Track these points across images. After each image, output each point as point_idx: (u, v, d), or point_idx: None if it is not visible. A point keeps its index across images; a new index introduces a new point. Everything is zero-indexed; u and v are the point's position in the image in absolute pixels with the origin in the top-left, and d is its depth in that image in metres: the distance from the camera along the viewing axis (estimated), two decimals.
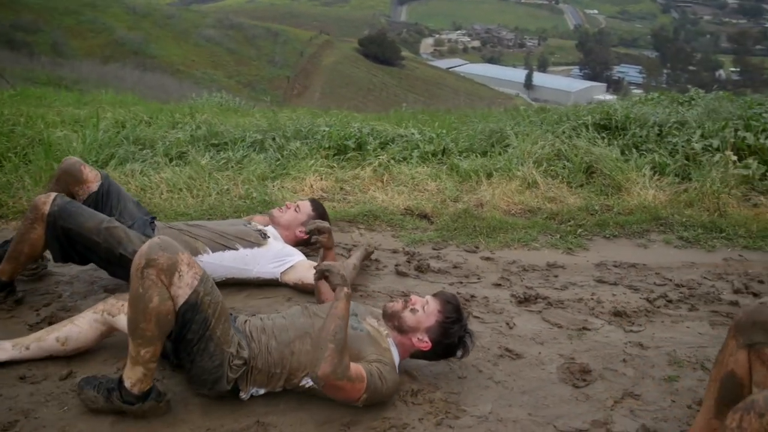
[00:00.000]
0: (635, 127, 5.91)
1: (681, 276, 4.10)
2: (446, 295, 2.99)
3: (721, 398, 2.19)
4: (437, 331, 2.88)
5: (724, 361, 2.17)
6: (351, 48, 69.15)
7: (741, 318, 2.13)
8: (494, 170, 5.40)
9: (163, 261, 2.41)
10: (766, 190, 5.23)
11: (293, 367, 2.74)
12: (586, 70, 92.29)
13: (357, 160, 5.57)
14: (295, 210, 3.90)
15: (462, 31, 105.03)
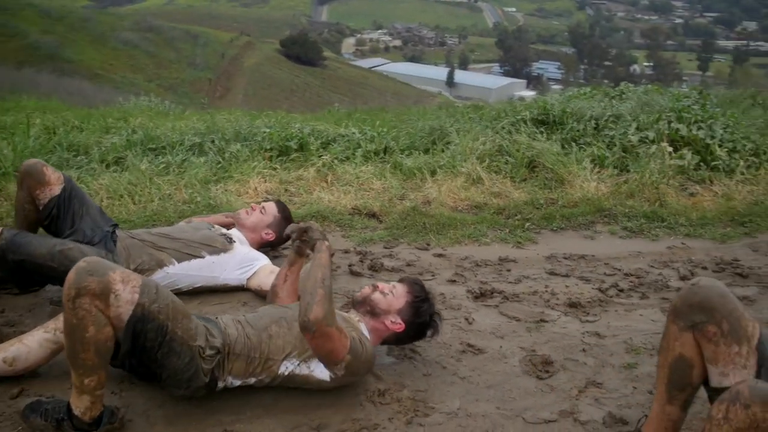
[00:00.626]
0: (572, 121, 6.02)
1: (629, 265, 4.19)
2: (411, 278, 3.10)
3: (671, 383, 2.24)
4: (409, 312, 2.94)
5: (669, 347, 2.22)
6: (272, 49, 68.60)
7: (677, 303, 2.18)
8: (438, 167, 5.42)
9: (94, 286, 2.26)
10: (701, 179, 5.39)
11: (272, 351, 2.71)
12: (506, 67, 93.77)
13: (300, 161, 5.51)
14: (261, 212, 3.83)
15: (383, 31, 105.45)
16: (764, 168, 5.50)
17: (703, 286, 2.14)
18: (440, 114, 7.33)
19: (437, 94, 65.68)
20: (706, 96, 7.04)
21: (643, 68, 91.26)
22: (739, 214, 4.93)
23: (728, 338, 2.07)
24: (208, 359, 2.56)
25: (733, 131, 5.82)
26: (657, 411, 2.32)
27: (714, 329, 2.09)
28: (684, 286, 2.21)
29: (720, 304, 2.10)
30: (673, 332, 2.20)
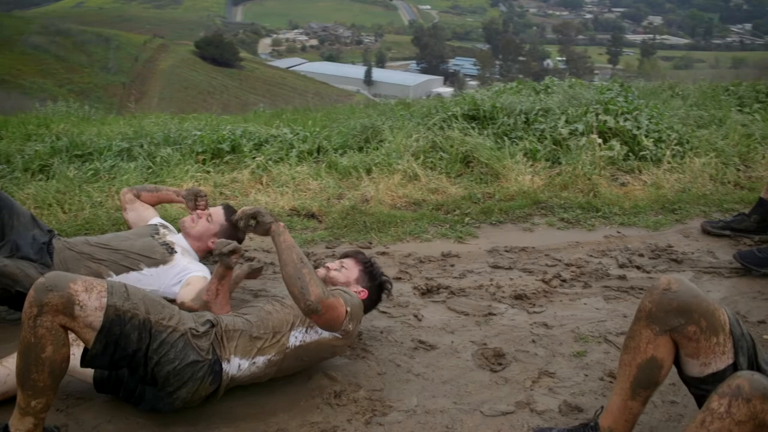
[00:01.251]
0: (503, 116, 6.09)
1: (569, 256, 4.26)
2: (351, 250, 3.29)
3: (637, 382, 2.29)
4: (366, 278, 3.11)
5: (639, 348, 2.26)
6: (187, 51, 67.37)
7: (651, 309, 2.22)
8: (373, 165, 5.40)
9: (56, 301, 2.15)
10: (630, 169, 5.53)
11: (276, 325, 2.72)
12: (423, 64, 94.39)
13: (233, 163, 5.42)
14: (207, 220, 3.66)
15: (299, 30, 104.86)
16: (689, 156, 5.67)
17: (677, 290, 2.19)
18: (370, 112, 7.31)
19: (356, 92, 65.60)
20: (627, 88, 7.23)
21: (556, 63, 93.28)
22: (669, 202, 5.07)
23: (707, 333, 2.16)
24: (204, 336, 2.52)
25: (657, 122, 5.99)
26: (618, 405, 2.36)
27: (694, 328, 2.16)
28: (654, 291, 2.25)
29: (696, 305, 2.17)
30: (646, 336, 2.24)
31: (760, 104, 7.43)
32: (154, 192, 3.92)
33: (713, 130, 6.19)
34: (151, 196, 3.91)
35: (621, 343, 3.26)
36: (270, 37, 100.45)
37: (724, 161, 5.69)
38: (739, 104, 7.38)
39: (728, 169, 5.61)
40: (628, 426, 2.37)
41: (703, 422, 1.99)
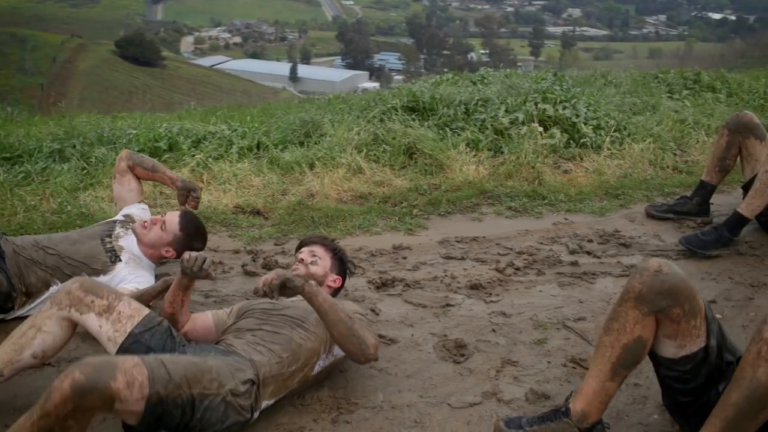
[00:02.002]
0: (442, 107, 6.06)
1: (519, 244, 4.26)
2: (316, 237, 3.28)
3: (620, 362, 2.31)
4: (338, 266, 3.13)
5: (625, 329, 2.28)
6: (108, 51, 65.57)
7: (641, 290, 2.24)
8: (316, 160, 5.30)
9: (96, 402, 1.99)
10: (572, 157, 5.57)
11: (307, 357, 2.66)
12: (348, 59, 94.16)
13: (171, 161, 5.25)
14: (161, 228, 3.45)
15: (222, 28, 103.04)
16: (627, 143, 5.75)
17: (668, 273, 2.22)
18: (308, 106, 7.21)
19: (281, 89, 65.08)
20: (561, 77, 7.31)
21: (480, 55, 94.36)
22: (612, 188, 5.13)
23: (688, 316, 2.21)
24: (245, 395, 2.42)
25: (595, 109, 6.06)
26: (594, 387, 2.36)
27: (678, 311, 2.20)
28: (645, 273, 2.25)
29: (684, 288, 2.21)
30: (633, 316, 2.26)
31: (689, 90, 7.61)
32: (150, 170, 3.78)
33: (648, 117, 6.31)
34: (145, 173, 3.79)
35: (580, 329, 3.31)
36: (192, 35, 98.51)
37: (661, 146, 5.79)
38: (668, 91, 7.54)
39: (666, 154, 5.71)
40: (601, 408, 2.38)
41: (759, 352, 2.01)
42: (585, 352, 3.14)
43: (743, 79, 8.12)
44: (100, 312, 2.49)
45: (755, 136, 4.30)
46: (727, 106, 7.05)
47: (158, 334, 2.54)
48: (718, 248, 4.07)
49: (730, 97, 7.47)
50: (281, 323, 2.69)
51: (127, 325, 2.50)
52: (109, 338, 2.49)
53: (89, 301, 2.50)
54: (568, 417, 2.40)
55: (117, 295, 2.56)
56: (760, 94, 7.52)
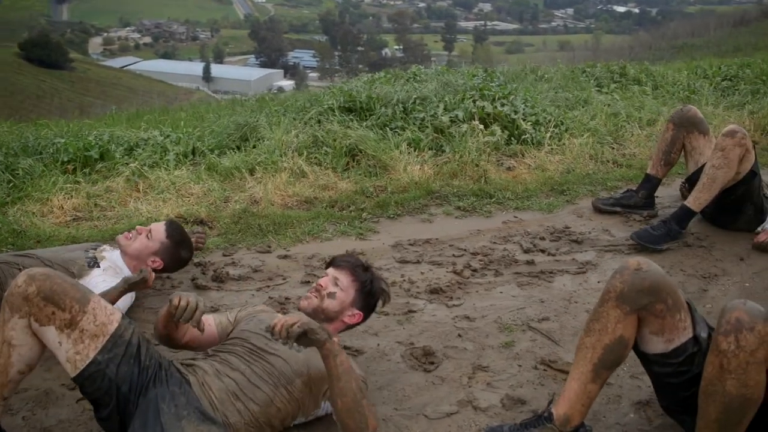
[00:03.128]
0: (380, 106, 5.97)
1: (473, 244, 4.22)
2: (348, 261, 2.82)
3: (602, 363, 2.32)
4: (361, 299, 2.75)
5: (607, 329, 2.29)
6: (11, 53, 62.85)
7: (622, 289, 2.26)
8: (256, 165, 5.14)
9: None
10: (513, 153, 5.57)
11: (282, 419, 2.47)
12: (262, 58, 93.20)
13: (104, 171, 5.00)
14: (147, 236, 3.35)
15: (131, 28, 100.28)
16: (565, 137, 5.79)
17: (648, 270, 2.26)
18: (239, 109, 7.01)
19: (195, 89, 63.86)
20: (492, 73, 7.33)
21: (394, 51, 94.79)
22: (556, 183, 5.15)
23: (672, 310, 2.24)
24: None
25: (533, 105, 6.08)
26: (576, 390, 2.36)
27: (661, 306, 2.23)
28: (625, 272, 2.28)
29: (664, 284, 2.26)
30: (615, 316, 2.28)
31: (616, 84, 7.74)
32: None
33: (583, 111, 6.37)
34: None
35: (545, 330, 3.29)
36: (100, 35, 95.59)
37: (599, 141, 5.85)
38: (597, 85, 7.65)
39: (604, 148, 5.77)
40: (584, 411, 2.39)
41: (721, 366, 2.04)
42: (554, 353, 3.12)
43: (666, 71, 8.32)
44: (61, 327, 2.20)
45: (699, 131, 4.38)
46: (654, 99, 7.20)
47: (125, 365, 2.26)
48: (668, 242, 4.13)
49: (656, 89, 7.63)
50: (266, 376, 2.45)
51: (89, 348, 2.22)
52: (68, 360, 2.22)
53: (49, 312, 2.20)
54: (551, 422, 2.40)
55: (81, 304, 2.23)
56: (684, 86, 7.71)
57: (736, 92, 7.51)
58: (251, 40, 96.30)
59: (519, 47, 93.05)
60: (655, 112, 6.60)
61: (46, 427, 2.58)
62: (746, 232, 4.28)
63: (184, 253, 3.46)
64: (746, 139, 4.04)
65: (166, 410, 2.24)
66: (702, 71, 8.42)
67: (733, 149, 4.00)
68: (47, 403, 2.73)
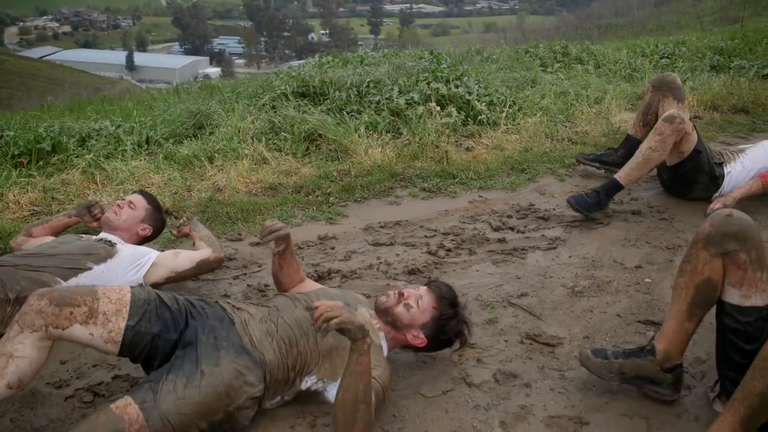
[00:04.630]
0: (333, 90, 5.96)
1: (443, 225, 4.26)
2: (441, 289, 2.78)
3: (695, 302, 2.44)
4: (433, 328, 2.72)
5: (697, 270, 2.40)
6: None
7: (710, 232, 2.36)
8: (215, 152, 5.08)
9: None
10: (470, 134, 5.63)
11: (302, 368, 2.53)
12: (186, 45, 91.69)
13: (59, 163, 4.86)
14: (131, 207, 3.49)
15: (49, 17, 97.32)
16: (519, 117, 5.88)
17: (738, 217, 2.35)
18: (185, 96, 6.91)
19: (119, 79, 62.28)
20: (438, 56, 7.38)
21: (320, 36, 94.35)
22: (516, 162, 5.23)
23: (755, 265, 2.30)
24: (250, 409, 2.41)
25: (486, 86, 6.16)
26: (674, 327, 2.52)
27: (744, 257, 2.30)
28: (716, 217, 2.38)
29: (752, 235, 2.33)
30: (703, 258, 2.38)
31: (559, 63, 7.90)
32: (44, 224, 3.63)
33: (534, 91, 6.48)
34: (42, 229, 3.61)
35: (526, 305, 3.37)
36: (17, 25, 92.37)
37: (552, 119, 5.97)
38: (541, 65, 7.79)
39: (558, 127, 5.89)
40: (682, 347, 2.55)
41: None
42: (537, 327, 3.18)
43: (606, 50, 8.52)
44: (85, 320, 2.30)
45: (674, 96, 4.62)
46: (597, 77, 7.36)
47: (154, 316, 2.42)
48: (597, 211, 4.29)
49: (599, 68, 7.81)
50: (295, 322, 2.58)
51: (119, 321, 2.34)
52: (106, 341, 2.32)
53: (67, 313, 2.29)
54: (653, 355, 2.57)
55: (92, 294, 2.36)
56: (625, 64, 7.91)
57: (675, 69, 7.75)
58: (175, 27, 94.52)
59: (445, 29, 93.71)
60: (601, 91, 6.76)
61: (36, 428, 2.51)
62: (704, 201, 4.44)
63: (164, 217, 3.66)
64: (684, 124, 4.22)
65: (204, 340, 2.41)
66: (640, 50, 8.64)
67: (670, 135, 4.19)
68: (34, 404, 2.66)
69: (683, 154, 4.34)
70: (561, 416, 2.61)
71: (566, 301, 3.42)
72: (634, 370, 2.62)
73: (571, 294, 3.48)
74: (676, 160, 4.38)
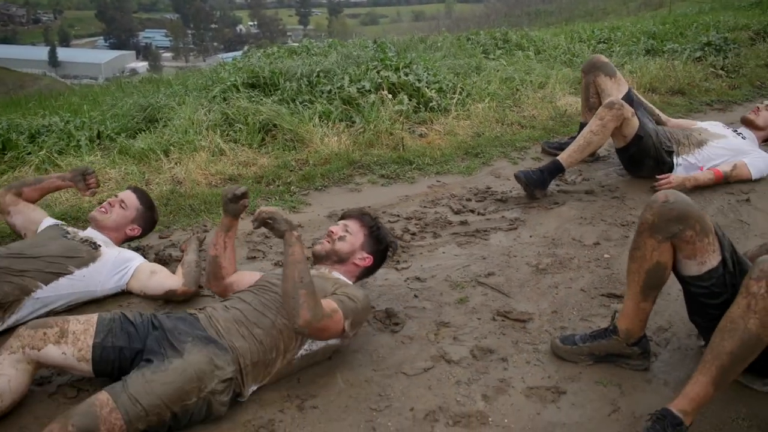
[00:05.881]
0: (284, 81, 5.98)
1: (404, 210, 4.35)
2: (356, 211, 3.13)
3: (647, 285, 2.61)
4: (371, 243, 3.02)
5: (645, 257, 2.55)
6: None
7: (653, 221, 2.50)
8: (170, 145, 5.06)
9: None
10: (422, 120, 5.73)
11: (287, 344, 2.61)
12: (111, 39, 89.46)
13: (10, 161, 4.77)
14: (121, 206, 3.40)
15: None
16: (469, 103, 6.01)
17: (675, 201, 2.48)
18: (131, 90, 6.82)
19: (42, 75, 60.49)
20: (382, 44, 7.45)
21: (249, 28, 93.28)
22: (470, 147, 5.36)
23: (701, 235, 2.46)
24: (224, 393, 2.44)
25: (434, 73, 6.26)
26: (632, 308, 2.70)
27: (691, 233, 2.45)
28: (654, 204, 2.51)
29: (691, 211, 2.47)
30: (650, 245, 2.52)
31: (501, 50, 8.05)
32: (36, 185, 3.53)
33: (481, 78, 6.61)
34: (33, 190, 3.53)
35: (494, 284, 3.48)
36: None
37: (500, 104, 6.11)
38: (483, 51, 7.93)
39: (507, 112, 6.04)
40: (642, 325, 2.74)
41: (748, 306, 2.25)
42: (507, 305, 3.30)
43: (545, 36, 8.71)
44: (57, 340, 2.45)
45: (605, 73, 4.85)
46: (539, 63, 7.55)
47: (119, 331, 2.54)
48: (539, 189, 4.48)
49: (539, 54, 7.99)
50: (270, 304, 2.66)
51: (87, 339, 2.49)
52: (78, 359, 2.47)
53: (41, 334, 2.45)
54: (616, 335, 2.77)
55: (63, 317, 2.56)
56: (565, 49, 8.11)
57: (613, 54, 7.99)
58: (98, 21, 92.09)
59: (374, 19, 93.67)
60: (544, 76, 6.94)
61: (22, 426, 2.51)
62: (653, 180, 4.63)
63: (156, 216, 3.59)
64: (623, 109, 4.45)
65: (170, 339, 2.49)
66: (578, 35, 8.87)
67: (610, 120, 4.43)
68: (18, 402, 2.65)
69: (626, 138, 4.56)
70: (539, 387, 2.73)
71: (532, 278, 3.55)
72: (604, 349, 2.82)
73: (536, 272, 3.61)
74: (622, 144, 4.61)
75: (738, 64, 7.82)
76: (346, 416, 2.55)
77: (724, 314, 2.36)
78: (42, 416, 2.55)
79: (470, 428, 2.51)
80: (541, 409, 2.61)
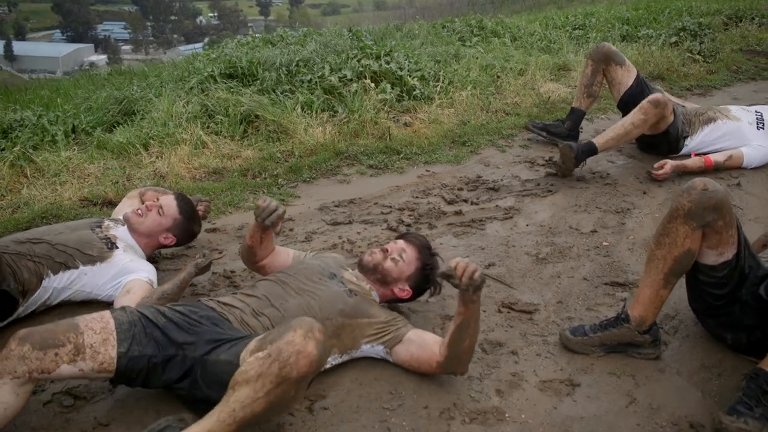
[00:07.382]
0: (263, 71, 5.84)
1: (396, 201, 4.26)
2: (419, 240, 2.91)
3: (672, 272, 2.60)
4: (418, 278, 2.86)
5: (676, 243, 2.54)
6: None
7: (690, 207, 2.49)
8: (149, 139, 4.90)
9: None
10: (406, 109, 5.63)
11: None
12: (68, 32, 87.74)
13: None
14: (159, 213, 3.20)
15: None
16: (452, 91, 5.93)
17: (714, 190, 2.47)
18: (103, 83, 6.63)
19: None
20: (357, 33, 7.34)
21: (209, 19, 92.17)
22: (456, 135, 5.28)
23: (728, 226, 2.48)
24: None
25: (416, 61, 6.16)
26: (649, 295, 2.68)
27: (722, 223, 2.47)
28: (693, 191, 2.49)
29: (726, 202, 2.48)
30: (683, 231, 2.51)
31: (477, 37, 7.98)
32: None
33: (462, 65, 6.53)
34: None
35: (495, 275, 3.41)
36: None
37: (483, 92, 6.04)
38: (459, 39, 7.85)
39: (490, 99, 5.97)
40: (656, 312, 2.73)
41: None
42: (511, 296, 3.24)
43: (519, 23, 8.66)
44: (72, 358, 2.18)
45: (615, 62, 4.86)
46: (516, 50, 7.48)
47: (143, 337, 2.32)
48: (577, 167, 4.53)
49: (515, 41, 7.93)
50: (300, 312, 2.53)
51: (108, 350, 2.25)
52: (99, 372, 2.24)
53: (52, 355, 2.16)
54: (628, 323, 2.74)
55: (74, 329, 2.23)
56: (541, 36, 8.06)
57: (589, 40, 7.97)
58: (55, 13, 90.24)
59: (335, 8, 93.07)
60: (523, 63, 6.88)
61: None
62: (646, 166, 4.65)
63: (196, 228, 3.39)
64: (666, 109, 4.52)
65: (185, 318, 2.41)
66: (552, 22, 8.83)
67: (654, 116, 4.49)
68: None
69: (657, 130, 4.65)
70: (552, 380, 2.68)
71: (533, 268, 3.50)
72: (614, 339, 2.78)
73: (537, 261, 3.56)
74: (649, 133, 4.66)
75: (714, 49, 7.84)
76: (358, 417, 2.47)
77: (722, 306, 2.40)
78: (39, 427, 2.43)
79: (487, 425, 2.45)
80: (557, 403, 2.56)
